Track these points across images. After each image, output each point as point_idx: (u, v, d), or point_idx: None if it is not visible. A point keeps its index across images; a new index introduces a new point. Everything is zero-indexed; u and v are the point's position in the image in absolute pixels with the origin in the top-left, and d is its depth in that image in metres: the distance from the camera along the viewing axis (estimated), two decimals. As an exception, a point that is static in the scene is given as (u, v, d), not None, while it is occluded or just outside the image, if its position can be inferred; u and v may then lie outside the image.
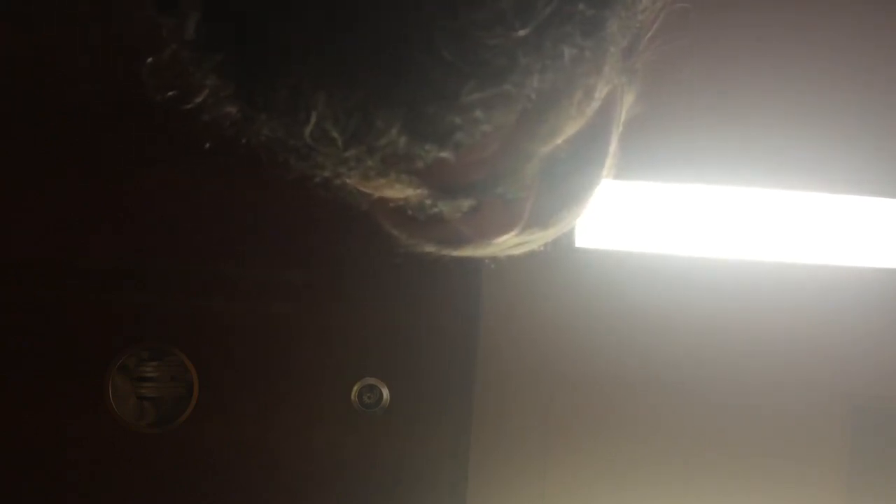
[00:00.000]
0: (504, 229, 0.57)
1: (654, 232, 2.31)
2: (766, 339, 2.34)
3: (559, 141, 0.53)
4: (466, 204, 0.55)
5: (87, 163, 2.23)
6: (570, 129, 0.53)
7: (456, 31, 0.43)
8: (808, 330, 2.34)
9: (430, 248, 0.61)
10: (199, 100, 0.47)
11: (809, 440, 2.35)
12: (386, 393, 2.23)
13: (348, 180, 0.51)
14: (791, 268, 2.32)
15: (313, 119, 0.45)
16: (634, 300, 2.32)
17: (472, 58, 0.44)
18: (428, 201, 0.54)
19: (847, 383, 2.35)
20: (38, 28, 2.17)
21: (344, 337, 2.25)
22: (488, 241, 0.58)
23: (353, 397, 2.23)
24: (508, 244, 0.60)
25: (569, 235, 2.29)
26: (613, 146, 0.60)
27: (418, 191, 0.53)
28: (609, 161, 0.60)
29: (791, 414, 2.35)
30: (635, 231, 2.32)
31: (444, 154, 0.47)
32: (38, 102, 2.20)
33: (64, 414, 2.21)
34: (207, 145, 0.48)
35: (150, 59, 0.49)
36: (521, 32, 0.44)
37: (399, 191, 0.54)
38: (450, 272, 2.12)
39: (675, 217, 2.31)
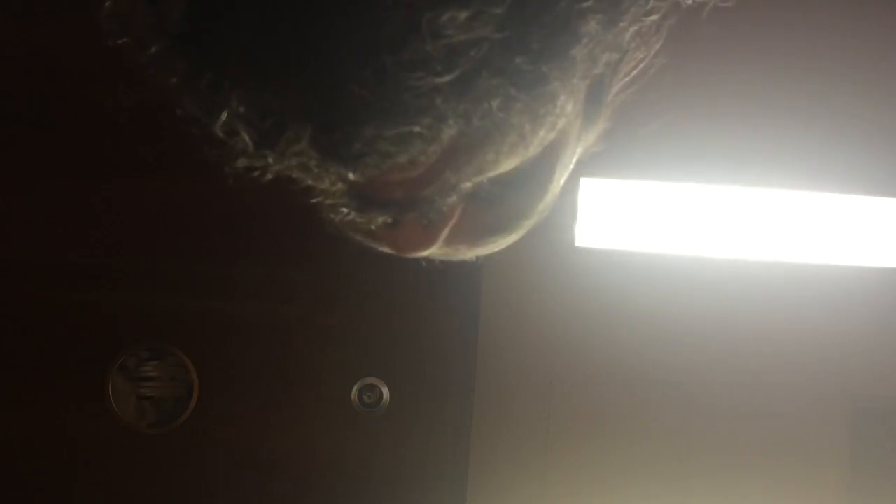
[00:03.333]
0: (419, 247, 0.57)
1: (654, 232, 2.31)
2: (767, 338, 2.34)
3: (491, 175, 0.53)
4: (381, 219, 0.55)
5: (88, 162, 2.23)
6: (505, 166, 0.53)
7: (377, 66, 0.44)
8: (809, 329, 2.34)
9: (358, 239, 0.61)
10: (149, 52, 0.48)
11: (811, 440, 2.35)
12: (386, 393, 2.23)
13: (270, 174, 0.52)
14: (791, 267, 2.32)
15: (224, 115, 0.46)
16: (634, 300, 2.32)
17: (387, 95, 0.44)
18: (343, 209, 0.55)
19: (848, 383, 2.35)
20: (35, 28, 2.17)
21: (344, 337, 2.25)
22: (403, 254, 0.58)
23: (353, 397, 2.23)
24: (437, 252, 0.60)
25: (569, 235, 2.30)
26: (557, 183, 0.60)
27: (338, 198, 0.54)
28: (550, 196, 0.60)
29: (792, 414, 2.35)
30: (635, 231, 2.32)
31: (352, 176, 0.48)
32: (39, 101, 2.20)
33: (64, 414, 2.21)
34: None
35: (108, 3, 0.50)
36: (444, 79, 0.44)
37: (324, 190, 0.54)
38: (449, 272, 2.12)
39: (675, 217, 2.31)
